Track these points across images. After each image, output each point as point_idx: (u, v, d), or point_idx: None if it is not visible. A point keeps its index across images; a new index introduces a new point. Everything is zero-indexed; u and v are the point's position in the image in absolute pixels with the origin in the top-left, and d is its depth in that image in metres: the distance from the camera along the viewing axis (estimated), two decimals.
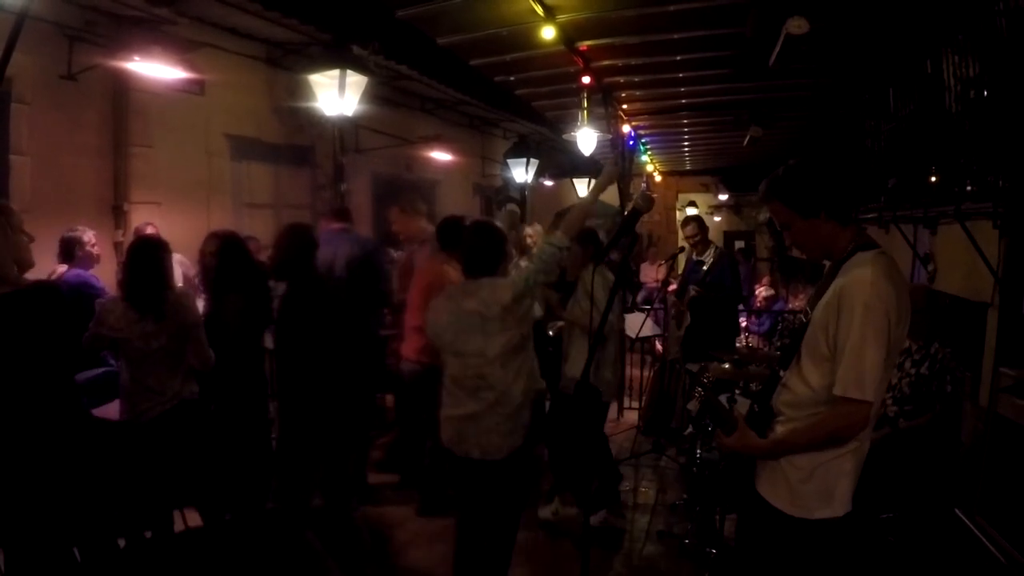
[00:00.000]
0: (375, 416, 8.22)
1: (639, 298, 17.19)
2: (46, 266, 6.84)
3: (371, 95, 8.85)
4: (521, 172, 15.31)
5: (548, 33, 7.88)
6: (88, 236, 7.23)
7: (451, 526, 4.87)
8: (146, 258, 5.14)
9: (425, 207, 7.84)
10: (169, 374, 5.15)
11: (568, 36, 8.20)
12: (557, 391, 6.63)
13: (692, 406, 6.17)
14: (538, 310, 5.01)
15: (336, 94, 8.39)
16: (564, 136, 13.04)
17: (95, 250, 7.30)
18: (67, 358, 4.46)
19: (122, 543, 4.78)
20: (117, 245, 8.72)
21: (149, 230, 8.00)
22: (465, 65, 9.48)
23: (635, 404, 10.07)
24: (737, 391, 5.32)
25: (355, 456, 7.09)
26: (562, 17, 7.69)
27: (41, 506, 4.16)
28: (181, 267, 8.07)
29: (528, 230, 9.01)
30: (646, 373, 10.40)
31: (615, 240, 4.06)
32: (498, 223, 4.91)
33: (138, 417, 5.03)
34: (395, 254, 8.93)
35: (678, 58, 9.05)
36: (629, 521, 6.74)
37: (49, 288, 4.55)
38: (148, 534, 5.16)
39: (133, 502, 4.92)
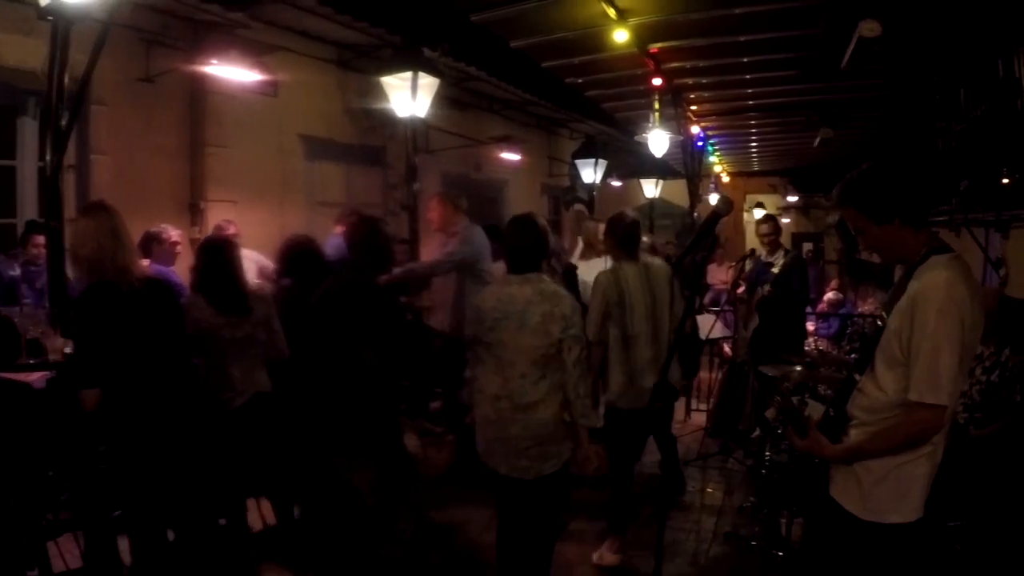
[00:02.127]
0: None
1: (706, 300, 17.08)
2: None
3: (440, 96, 8.93)
4: (589, 172, 15.31)
5: (620, 36, 7.90)
6: (169, 234, 7.42)
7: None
8: (216, 259, 5.28)
9: (467, 203, 7.86)
10: (250, 366, 5.29)
11: (639, 38, 8.22)
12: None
13: (770, 414, 6.12)
14: None
15: (408, 95, 8.47)
16: (636, 137, 12.99)
17: (176, 248, 7.47)
18: (184, 345, 4.73)
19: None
20: (194, 242, 8.89)
21: (231, 229, 8.17)
22: (534, 66, 9.54)
23: (703, 406, 10.04)
24: (807, 395, 5.28)
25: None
26: (633, 20, 7.71)
27: (165, 486, 4.43)
28: (255, 263, 8.22)
29: (600, 226, 8.95)
30: (714, 375, 10.35)
31: (696, 242, 4.05)
32: (542, 222, 4.87)
33: (222, 408, 5.17)
34: None
35: (745, 60, 9.03)
36: (695, 522, 6.74)
37: (164, 281, 4.86)
38: (223, 522, 5.32)
39: (216, 489, 5.09)
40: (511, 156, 15.50)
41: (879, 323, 3.25)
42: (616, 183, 20.18)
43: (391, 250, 5.59)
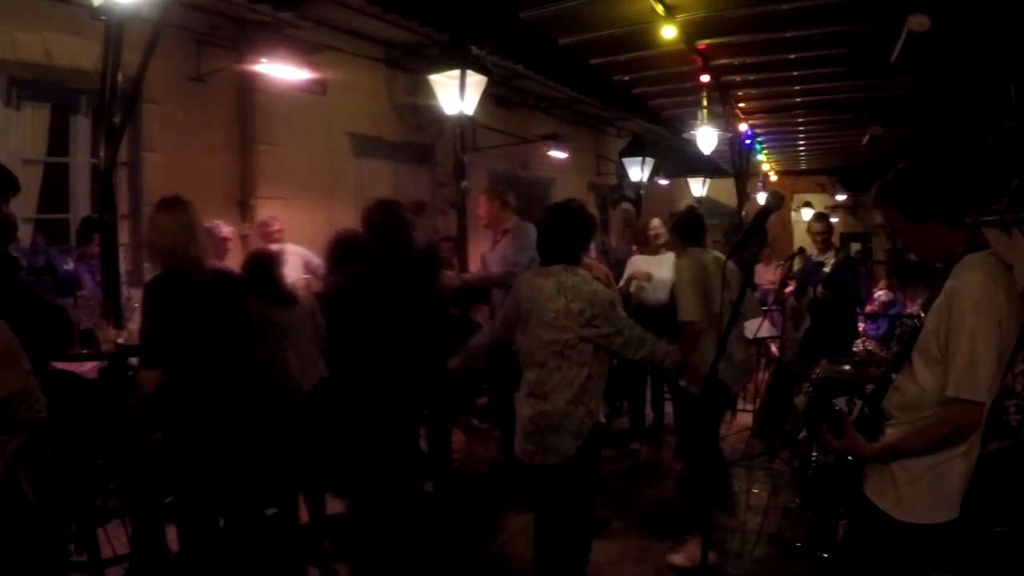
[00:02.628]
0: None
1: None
2: None
3: (488, 94, 8.97)
4: (636, 171, 15.26)
5: (669, 32, 7.88)
6: (221, 230, 7.54)
7: None
8: (261, 272, 5.51)
9: (515, 200, 7.84)
10: (307, 350, 5.40)
11: (687, 35, 8.19)
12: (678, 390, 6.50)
13: (800, 401, 6.09)
14: None
15: (456, 93, 8.50)
16: (684, 135, 12.95)
17: (226, 243, 7.58)
18: (248, 337, 4.81)
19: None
20: (244, 238, 9.01)
21: (275, 226, 8.27)
22: (582, 64, 9.53)
23: (749, 406, 9.99)
24: (856, 397, 5.23)
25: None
26: (681, 16, 7.69)
27: (220, 474, 4.53)
28: (302, 259, 8.32)
29: (654, 221, 8.89)
30: (761, 375, 10.30)
31: (746, 237, 4.02)
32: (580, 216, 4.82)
33: (288, 395, 5.27)
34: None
35: (792, 56, 8.97)
36: (740, 522, 6.71)
37: (231, 275, 5.03)
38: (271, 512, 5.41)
39: (271, 479, 5.17)
40: (558, 154, 15.48)
41: (916, 322, 3.24)
42: (663, 182, 20.11)
43: (411, 235, 5.49)
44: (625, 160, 15.55)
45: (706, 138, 11.23)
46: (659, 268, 8.19)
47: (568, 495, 4.61)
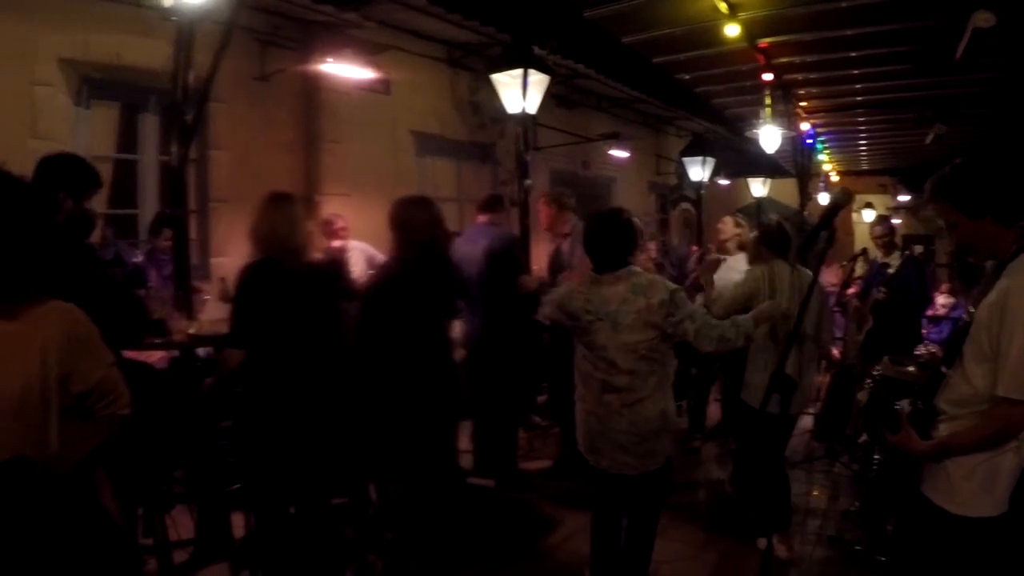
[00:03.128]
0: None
1: None
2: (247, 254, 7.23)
3: (549, 93, 8.99)
4: (697, 170, 15.15)
5: (732, 30, 7.89)
6: (335, 220, 7.65)
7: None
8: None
9: (574, 201, 7.84)
10: None
11: (749, 33, 8.18)
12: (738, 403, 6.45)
13: (862, 397, 6.04)
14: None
15: (519, 93, 8.53)
16: (746, 134, 12.89)
17: (344, 231, 7.72)
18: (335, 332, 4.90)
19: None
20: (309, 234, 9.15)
21: (339, 223, 8.37)
22: (644, 63, 9.55)
23: (810, 409, 9.92)
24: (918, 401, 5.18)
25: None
26: (744, 14, 7.69)
27: (295, 462, 4.62)
28: (365, 255, 8.42)
29: (724, 220, 8.85)
30: (822, 378, 10.21)
31: (814, 234, 4.02)
32: (631, 219, 4.82)
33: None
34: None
35: (853, 54, 8.92)
36: (800, 524, 6.68)
37: (328, 272, 5.19)
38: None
39: (346, 468, 5.25)
40: (620, 153, 15.46)
41: (967, 317, 3.23)
42: (723, 182, 20.00)
43: (435, 235, 5.33)
44: (686, 160, 15.46)
45: (769, 137, 11.19)
46: (729, 271, 8.10)
47: (663, 495, 4.74)
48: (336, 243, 8.27)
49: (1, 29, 7.01)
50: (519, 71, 8.53)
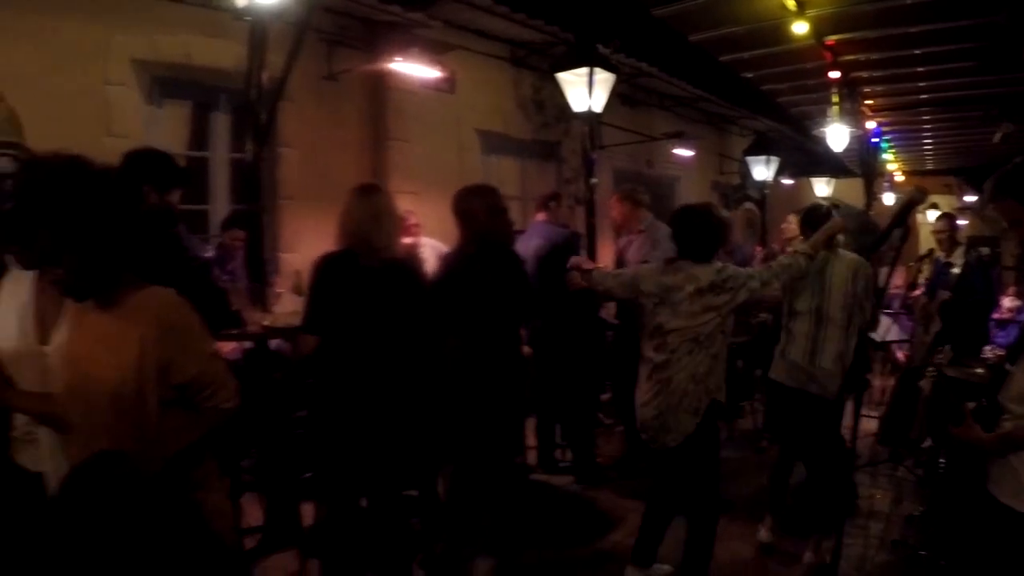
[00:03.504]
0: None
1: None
2: (315, 249, 7.35)
3: (612, 92, 9.03)
4: (761, 170, 15.06)
5: (800, 28, 7.86)
6: (409, 216, 7.75)
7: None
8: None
9: (648, 198, 7.83)
10: None
11: (816, 30, 8.15)
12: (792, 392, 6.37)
13: (924, 384, 5.99)
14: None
15: (585, 91, 8.57)
16: (813, 132, 12.79)
17: (417, 227, 7.81)
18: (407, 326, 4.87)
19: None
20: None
21: (412, 220, 8.46)
22: (709, 61, 9.54)
23: (873, 412, 9.84)
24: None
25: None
26: (812, 11, 7.66)
27: (367, 452, 4.65)
28: (434, 251, 8.50)
29: (792, 218, 8.81)
30: (886, 381, 10.12)
31: (888, 231, 4.00)
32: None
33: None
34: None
35: (918, 51, 8.83)
36: (863, 528, 6.65)
37: (407, 268, 5.07)
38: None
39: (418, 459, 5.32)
40: (684, 152, 15.37)
41: None
42: (787, 181, 19.82)
43: (502, 223, 5.35)
44: (749, 159, 15.38)
45: (837, 135, 11.11)
46: None
47: (709, 458, 4.82)
48: (408, 240, 8.36)
49: (75, 31, 7.22)
50: (585, 70, 8.58)
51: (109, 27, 7.43)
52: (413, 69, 9.06)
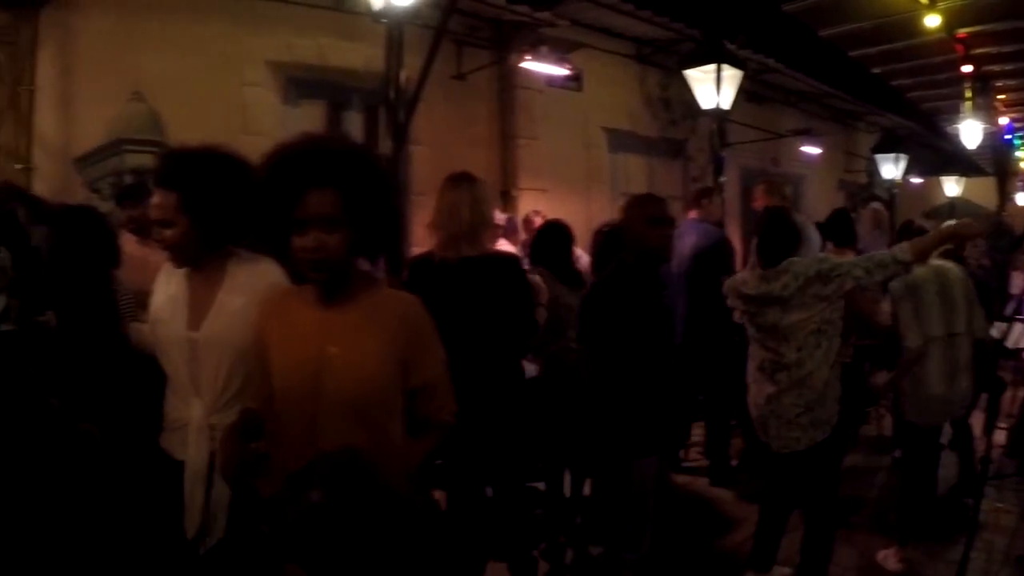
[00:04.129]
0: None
1: (1007, 310, 15.99)
2: None
3: (737, 88, 9.04)
4: (890, 168, 14.70)
5: (932, 21, 7.78)
6: (496, 218, 7.88)
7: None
8: (557, 237, 5.90)
9: (790, 193, 7.80)
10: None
11: (948, 23, 8.05)
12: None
13: None
14: None
15: (712, 88, 8.58)
16: (946, 129, 12.54)
17: (498, 231, 7.92)
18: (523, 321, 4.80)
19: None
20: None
21: (537, 220, 8.58)
22: (837, 56, 9.47)
23: (1002, 423, 9.58)
24: None
25: None
26: (943, 4, 7.58)
27: (491, 444, 4.66)
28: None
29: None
30: (1015, 392, 9.84)
31: None
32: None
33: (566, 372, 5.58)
34: None
35: None
36: (987, 542, 6.51)
37: (511, 258, 5.00)
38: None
39: (542, 452, 5.43)
40: (811, 150, 15.17)
41: None
42: (916, 180, 19.41)
43: (661, 236, 5.05)
44: (878, 156, 15.04)
45: (970, 132, 10.89)
46: None
47: (833, 470, 4.75)
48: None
49: (214, 36, 7.69)
50: (712, 66, 8.58)
51: (246, 32, 7.91)
52: (540, 67, 9.24)
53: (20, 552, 3.52)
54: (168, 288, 3.16)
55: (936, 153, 16.56)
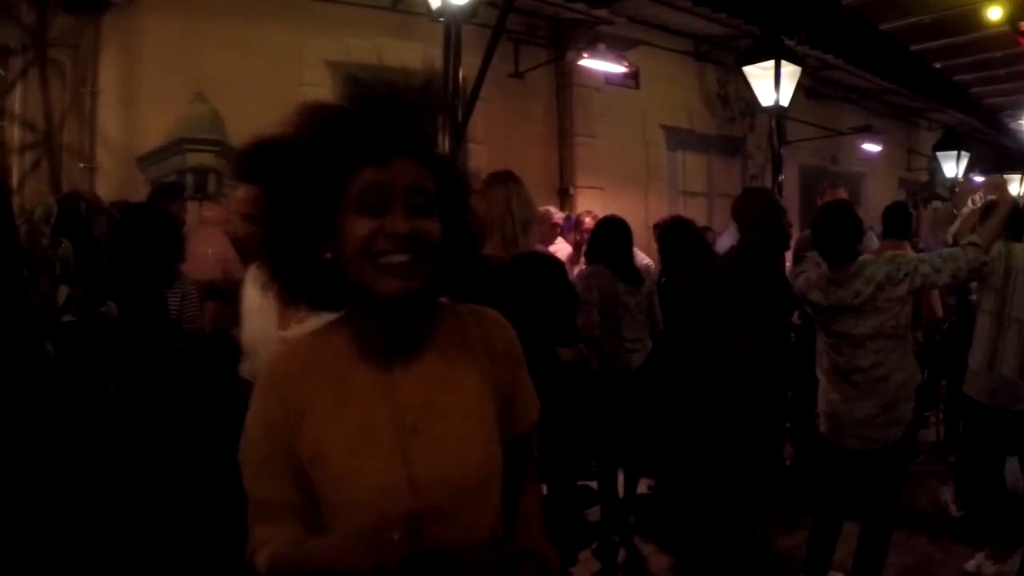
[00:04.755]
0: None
1: None
2: None
3: (797, 85, 8.97)
4: (951, 166, 14.47)
5: (994, 13, 7.67)
6: (552, 215, 7.88)
7: None
8: (617, 233, 5.81)
9: (848, 194, 7.74)
10: (642, 330, 5.66)
11: (1011, 15, 7.93)
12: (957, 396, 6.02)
13: None
14: None
15: (771, 85, 8.51)
16: (1010, 125, 12.35)
17: (556, 228, 7.93)
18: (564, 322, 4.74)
19: None
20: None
21: (587, 220, 8.57)
22: (899, 51, 9.37)
23: None
24: None
25: None
26: None
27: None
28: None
29: (964, 210, 8.60)
30: None
31: None
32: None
33: (620, 370, 5.59)
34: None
35: None
36: None
37: (549, 258, 4.94)
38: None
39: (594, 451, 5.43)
40: (872, 147, 14.97)
41: None
42: (978, 179, 19.07)
43: (787, 228, 5.21)
44: (940, 154, 14.83)
45: None
46: None
47: (901, 471, 4.71)
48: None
49: (273, 38, 7.88)
50: (771, 63, 8.50)
51: (304, 32, 8.10)
52: (598, 65, 9.26)
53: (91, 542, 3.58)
54: (257, 287, 3.15)
55: (998, 151, 16.29)
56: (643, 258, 7.08)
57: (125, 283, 4.20)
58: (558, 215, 7.98)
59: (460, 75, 6.16)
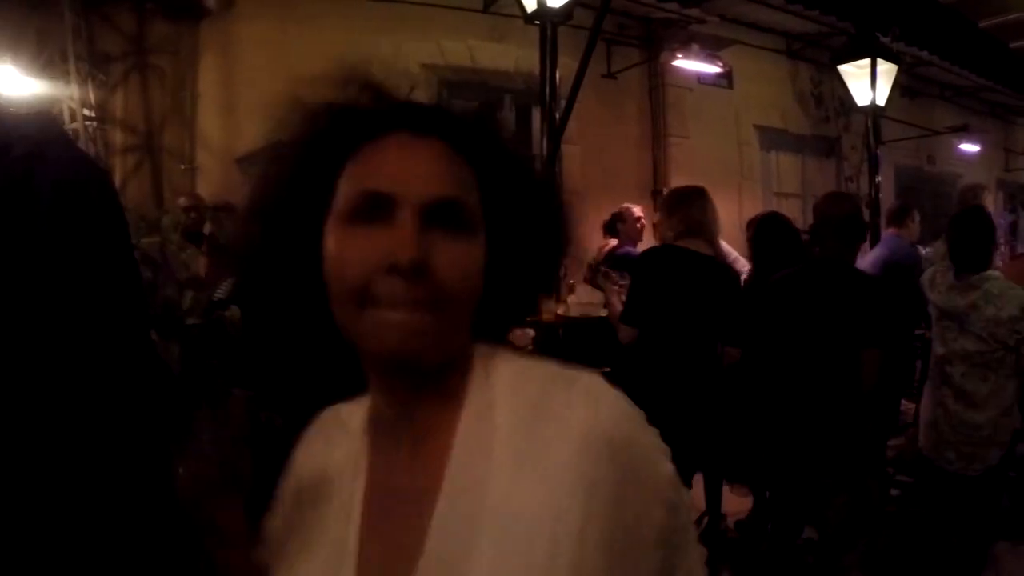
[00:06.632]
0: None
1: None
2: (597, 242, 7.70)
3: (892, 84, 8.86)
4: None
5: None
6: (632, 211, 7.87)
7: None
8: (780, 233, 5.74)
9: (992, 200, 7.48)
10: None
11: None
12: None
13: None
14: None
15: (867, 83, 8.42)
16: None
17: (638, 224, 7.92)
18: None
19: None
20: (656, 226, 9.45)
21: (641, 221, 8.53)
22: (998, 48, 9.19)
23: None
24: None
25: None
26: None
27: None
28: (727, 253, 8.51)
29: None
30: None
31: None
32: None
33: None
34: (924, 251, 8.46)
35: None
36: None
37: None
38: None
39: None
40: (969, 147, 14.64)
41: None
42: None
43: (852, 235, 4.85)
44: None
45: None
46: None
47: (984, 506, 4.54)
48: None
49: (369, 41, 7.97)
50: (867, 61, 8.42)
51: (400, 36, 8.17)
52: (691, 65, 9.28)
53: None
54: None
55: None
56: (731, 251, 7.05)
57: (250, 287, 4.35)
58: (637, 210, 7.93)
59: (557, 77, 6.24)
